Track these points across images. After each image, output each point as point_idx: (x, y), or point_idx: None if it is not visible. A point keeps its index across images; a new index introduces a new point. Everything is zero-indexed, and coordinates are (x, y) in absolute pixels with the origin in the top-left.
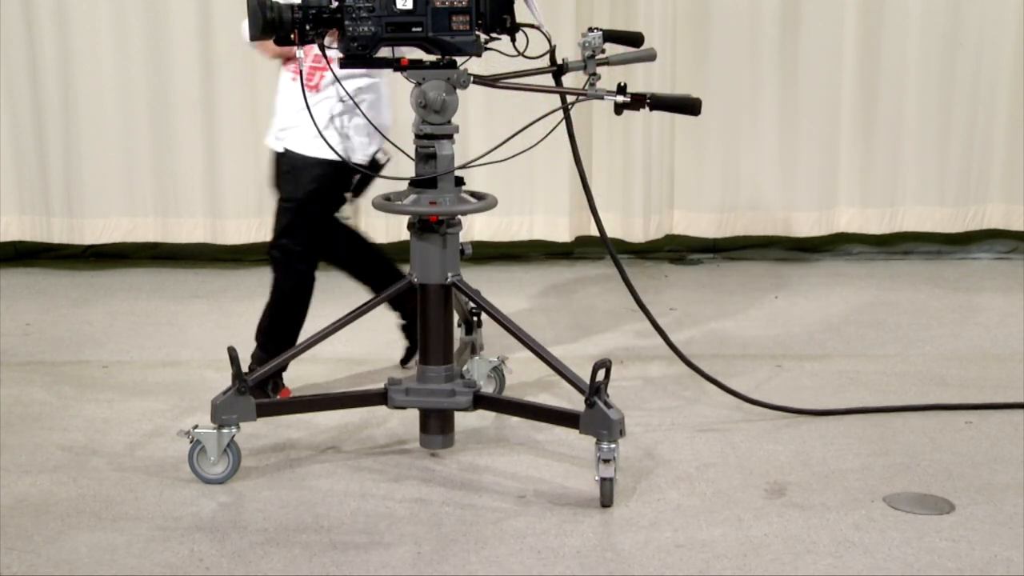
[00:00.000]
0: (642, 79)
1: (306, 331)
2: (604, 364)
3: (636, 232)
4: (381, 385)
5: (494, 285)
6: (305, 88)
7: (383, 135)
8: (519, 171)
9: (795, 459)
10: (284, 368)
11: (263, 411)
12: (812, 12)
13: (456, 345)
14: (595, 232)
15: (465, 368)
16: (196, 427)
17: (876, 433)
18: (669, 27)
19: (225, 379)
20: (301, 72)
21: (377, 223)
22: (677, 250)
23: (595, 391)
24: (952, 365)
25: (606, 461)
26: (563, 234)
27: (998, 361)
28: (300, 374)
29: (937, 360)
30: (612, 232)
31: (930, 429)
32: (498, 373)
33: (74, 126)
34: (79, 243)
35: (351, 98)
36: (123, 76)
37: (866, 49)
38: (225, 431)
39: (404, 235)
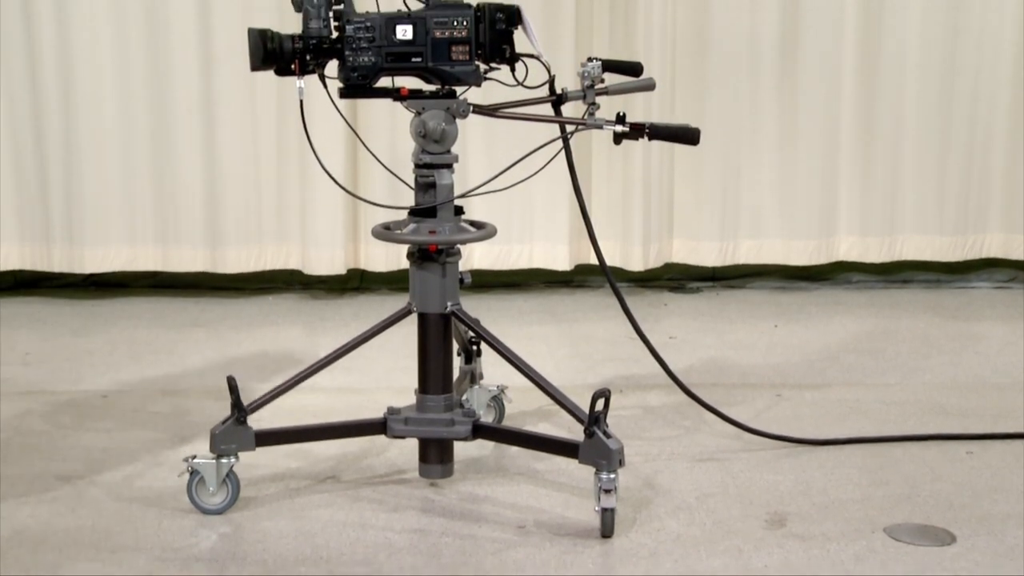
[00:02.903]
0: (641, 108)
1: (306, 359)
2: (603, 394)
3: (635, 260)
4: (380, 414)
5: (494, 313)
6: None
7: (383, 165)
8: (518, 200)
9: (795, 489)
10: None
11: (262, 441)
12: (810, 41)
13: (455, 374)
14: (595, 260)
15: (464, 397)
16: (195, 457)
17: (876, 463)
18: (668, 57)
19: (224, 408)
20: (301, 103)
21: (376, 252)
22: (676, 278)
23: (594, 421)
24: (952, 394)
25: (606, 491)
26: (563, 262)
27: (998, 390)
28: (299, 403)
29: (937, 389)
30: (611, 260)
31: (931, 459)
32: (497, 402)
33: (75, 156)
34: (79, 272)
35: (352, 129)
36: (124, 107)
37: (864, 78)
38: (224, 461)
39: (403, 264)
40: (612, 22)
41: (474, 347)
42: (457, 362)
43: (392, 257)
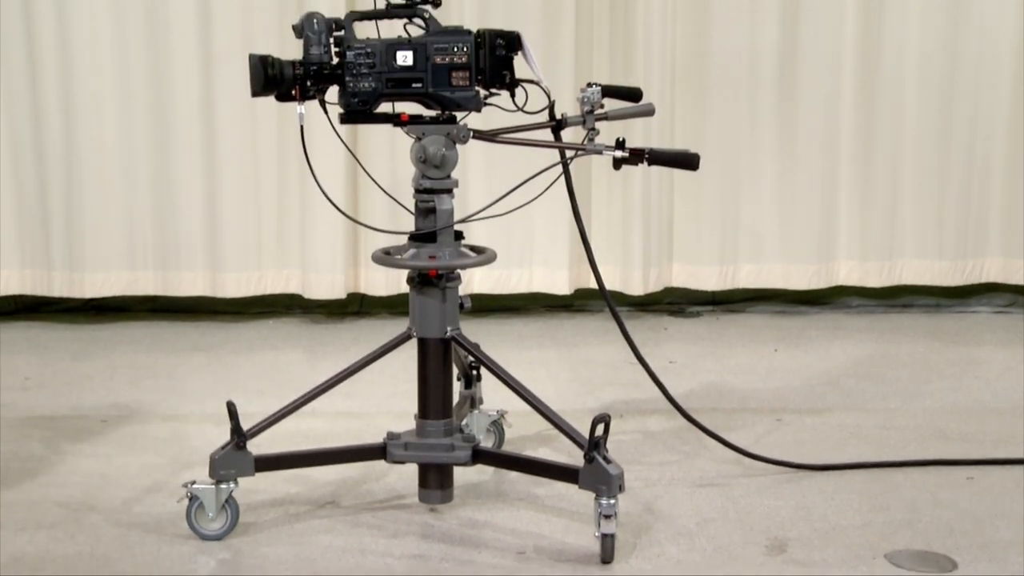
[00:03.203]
0: (641, 133)
1: (306, 383)
2: (603, 419)
3: (635, 285)
4: (380, 439)
5: (494, 338)
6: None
7: (384, 190)
8: (518, 224)
9: (796, 515)
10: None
11: (261, 466)
12: (809, 66)
13: (455, 399)
14: (594, 285)
15: (464, 422)
16: (194, 483)
17: (877, 488)
18: (668, 82)
19: (224, 433)
20: (302, 129)
21: (376, 276)
22: (676, 302)
23: (594, 446)
24: (952, 419)
25: (606, 517)
26: (562, 287)
27: (998, 415)
28: (299, 428)
29: (937, 414)
30: (611, 285)
31: (931, 484)
32: (497, 427)
33: (76, 181)
34: (79, 297)
35: (353, 155)
36: (125, 131)
37: (863, 103)
38: (223, 486)
39: (403, 288)
40: (612, 48)
41: (474, 372)
42: (457, 387)
43: (392, 281)
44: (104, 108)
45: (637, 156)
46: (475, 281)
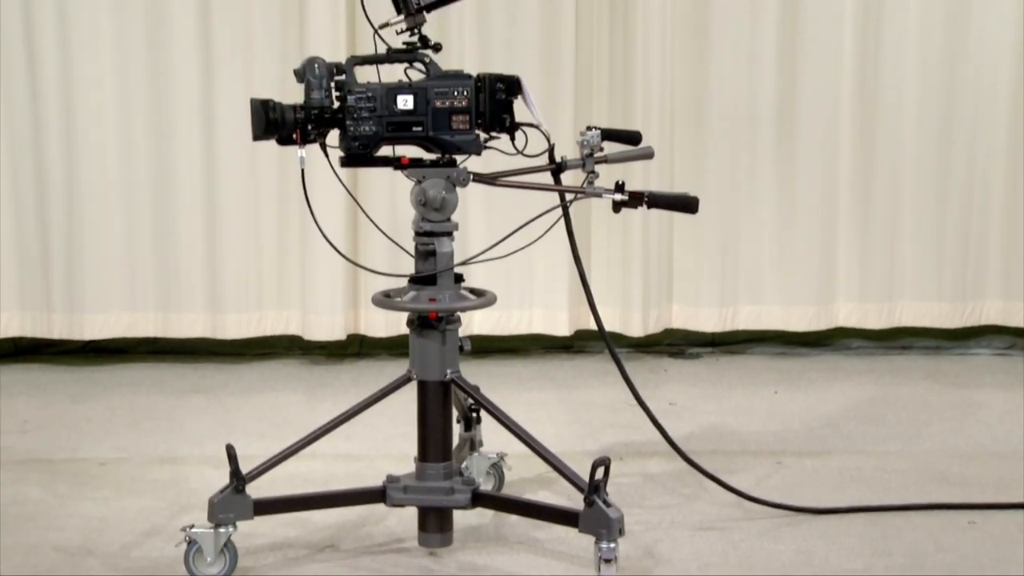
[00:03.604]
0: (640, 176)
1: (305, 425)
2: (603, 462)
3: (635, 326)
4: (379, 482)
5: (493, 379)
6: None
7: (384, 233)
8: (518, 266)
9: (797, 559)
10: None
11: (260, 509)
12: (807, 108)
13: (455, 441)
14: (594, 326)
15: (464, 465)
16: (192, 526)
17: (878, 532)
18: (667, 125)
19: (223, 476)
20: (303, 172)
21: (376, 317)
22: (676, 344)
23: (594, 489)
24: (954, 462)
25: (607, 560)
26: (562, 328)
27: (999, 459)
28: (298, 470)
29: (938, 457)
30: (611, 326)
31: (933, 529)
32: (497, 470)
33: (76, 223)
34: (79, 339)
35: (354, 199)
36: (127, 173)
37: (861, 145)
38: (222, 530)
39: (403, 329)
40: (611, 91)
41: (474, 414)
42: (457, 429)
43: (392, 323)
44: (106, 150)
45: (637, 199)
46: (475, 322)
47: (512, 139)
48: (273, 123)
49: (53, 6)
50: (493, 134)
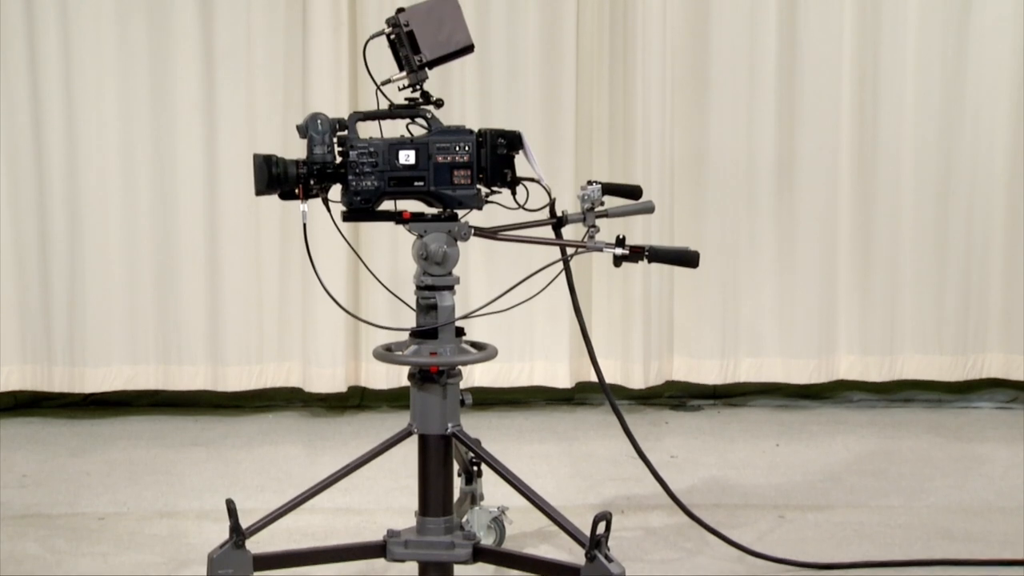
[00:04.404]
0: (641, 229)
1: (306, 478)
2: (604, 517)
3: (636, 378)
4: (379, 536)
5: (494, 431)
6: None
7: (386, 288)
8: (519, 318)
9: None
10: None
11: (260, 565)
12: (807, 162)
13: (456, 495)
14: (596, 378)
15: (465, 519)
16: None
17: None
18: (667, 179)
19: (222, 531)
20: (305, 227)
21: (377, 369)
22: (677, 396)
23: (596, 544)
24: (957, 518)
25: None
26: (563, 380)
27: (1004, 514)
28: (298, 525)
29: (942, 512)
30: (612, 378)
31: None
32: (498, 524)
33: (79, 275)
34: (80, 392)
35: (356, 253)
36: (129, 226)
37: (860, 198)
38: None
39: (404, 381)
40: (611, 146)
41: (475, 468)
42: (457, 483)
43: (393, 374)
44: (108, 202)
45: (637, 254)
46: (476, 374)
47: (513, 193)
48: (276, 178)
49: (57, 59)
50: (494, 188)
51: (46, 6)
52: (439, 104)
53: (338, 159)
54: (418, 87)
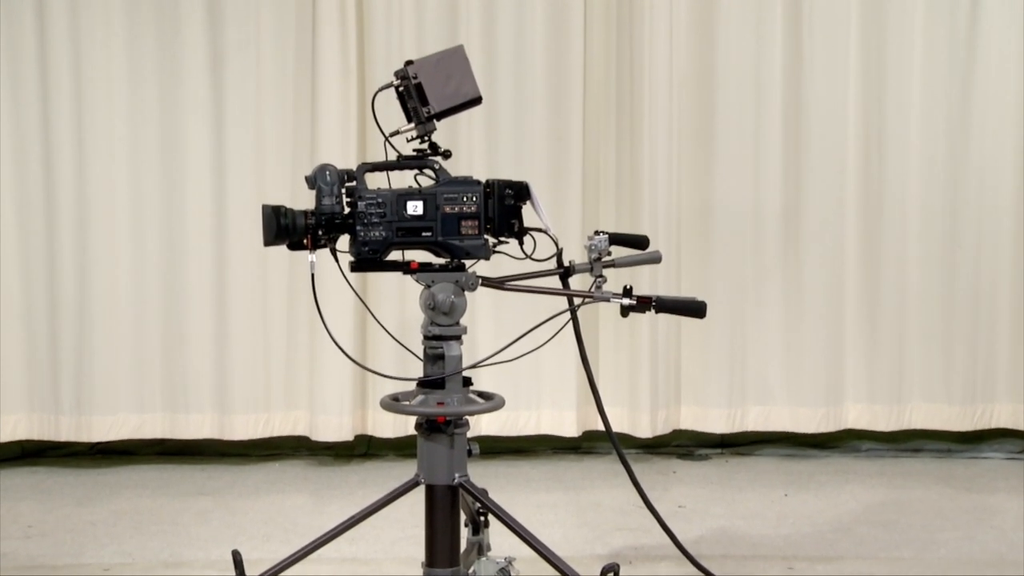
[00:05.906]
0: (648, 279)
1: (313, 527)
2: (612, 568)
3: (643, 427)
4: None
5: (501, 480)
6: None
7: (393, 338)
8: (527, 367)
9: None
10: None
11: None
12: (813, 212)
13: (463, 546)
14: (603, 427)
15: (472, 569)
16: None
17: None
18: (674, 229)
19: None
20: (313, 277)
21: (384, 418)
22: (685, 445)
23: None
24: (969, 570)
25: None
26: (570, 429)
27: (1015, 567)
28: (304, 575)
29: (953, 565)
30: (619, 427)
31: None
32: (505, 574)
33: (87, 324)
34: (87, 440)
35: (363, 303)
36: (137, 276)
37: (867, 248)
38: None
39: (411, 430)
40: (618, 196)
41: (482, 518)
42: (464, 533)
43: (400, 423)
44: (116, 251)
45: (644, 304)
46: (483, 423)
47: (520, 243)
48: (284, 229)
49: (70, 108)
50: (502, 239)
51: (58, 65)
52: (447, 155)
53: (346, 210)
54: (426, 138)
